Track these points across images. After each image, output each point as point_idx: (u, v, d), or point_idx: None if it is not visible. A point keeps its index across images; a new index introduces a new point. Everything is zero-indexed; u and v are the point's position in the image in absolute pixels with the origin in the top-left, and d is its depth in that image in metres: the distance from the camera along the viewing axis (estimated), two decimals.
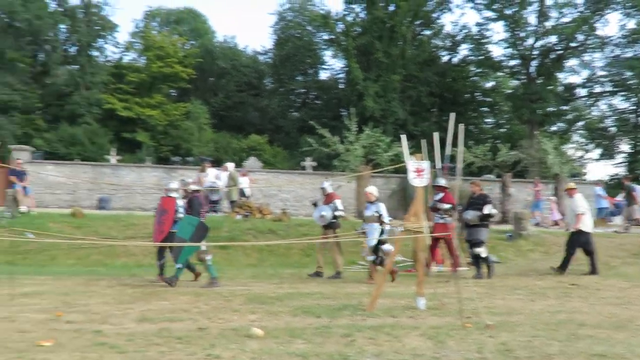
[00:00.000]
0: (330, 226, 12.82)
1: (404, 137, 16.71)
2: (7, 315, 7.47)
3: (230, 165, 21.42)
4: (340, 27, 41.83)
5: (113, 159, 29.58)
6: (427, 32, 44.53)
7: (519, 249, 17.11)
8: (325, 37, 46.23)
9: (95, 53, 44.50)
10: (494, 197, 27.19)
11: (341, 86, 47.24)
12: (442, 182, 13.05)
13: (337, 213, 12.73)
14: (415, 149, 19.37)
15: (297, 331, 6.63)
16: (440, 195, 12.95)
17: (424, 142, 15.23)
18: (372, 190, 12.44)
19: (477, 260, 12.42)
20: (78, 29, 42.03)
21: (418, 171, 8.57)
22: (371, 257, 11.95)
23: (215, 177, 20.62)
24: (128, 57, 47.92)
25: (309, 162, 29.57)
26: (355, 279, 12.37)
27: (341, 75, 47.81)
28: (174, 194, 11.39)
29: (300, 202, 26.07)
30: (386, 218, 11.98)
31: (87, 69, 41.44)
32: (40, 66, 43.20)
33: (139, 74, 42.71)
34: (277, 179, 26.35)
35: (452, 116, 11.14)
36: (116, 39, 46.65)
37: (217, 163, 25.47)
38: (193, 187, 11.34)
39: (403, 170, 20.81)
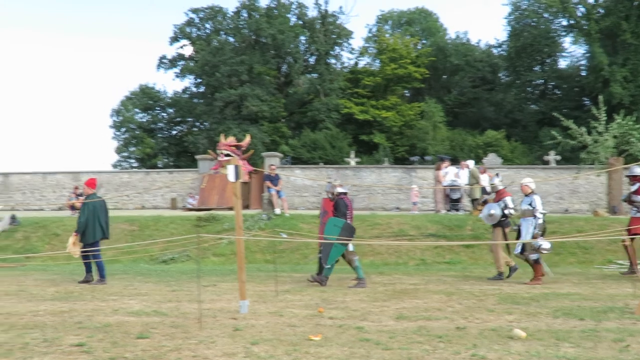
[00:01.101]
0: (500, 225, 11.96)
1: None
2: (275, 310, 8.04)
3: (471, 163, 21.08)
4: (580, 10, 39.34)
5: (352, 161, 30.71)
6: None
7: None
8: (564, 22, 43.80)
9: (332, 60, 46.71)
10: None
11: (583, 73, 44.41)
12: (638, 171, 11.65)
13: (506, 211, 11.85)
14: None
15: (561, 334, 6.29)
16: (636, 186, 11.57)
17: None
18: (529, 182, 11.50)
19: None
20: (316, 39, 44.39)
21: None
22: (534, 256, 11.06)
23: (455, 175, 20.45)
24: (363, 62, 49.60)
25: (552, 156, 28.17)
26: (615, 279, 11.48)
27: (583, 62, 45.03)
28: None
29: (545, 198, 24.87)
30: (539, 211, 10.99)
31: (326, 77, 43.58)
32: (284, 77, 46.35)
33: (373, 77, 43.94)
34: (518, 175, 25.33)
35: None
36: (351, 46, 48.54)
37: (455, 161, 25.27)
38: (339, 189, 11.29)
39: None
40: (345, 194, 11.29)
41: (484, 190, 19.95)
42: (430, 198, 23.58)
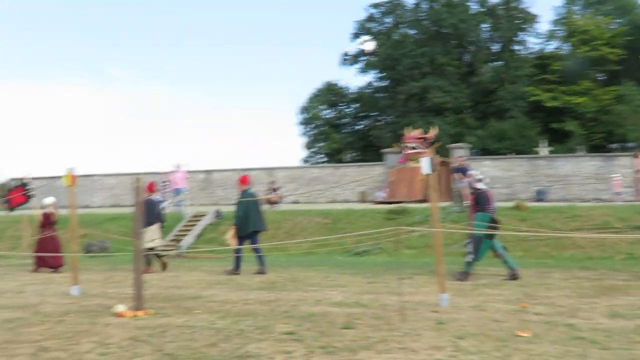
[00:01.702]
0: None
1: None
2: (475, 304, 7.87)
3: None
4: None
5: (544, 150, 29.38)
6: None
7: None
8: None
9: (517, 47, 45.01)
10: None
11: None
12: None
13: None
14: None
15: None
16: None
17: None
18: None
19: None
20: (499, 26, 43.10)
21: None
22: None
23: None
24: (551, 46, 47.20)
25: None
26: None
27: None
28: None
29: None
30: None
31: (511, 64, 42.18)
32: (466, 67, 45.43)
33: (563, 61, 41.71)
34: None
35: None
36: (537, 30, 46.39)
37: None
38: (480, 185, 10.65)
39: None
40: (485, 190, 10.95)
41: None
42: (633, 188, 21.92)
